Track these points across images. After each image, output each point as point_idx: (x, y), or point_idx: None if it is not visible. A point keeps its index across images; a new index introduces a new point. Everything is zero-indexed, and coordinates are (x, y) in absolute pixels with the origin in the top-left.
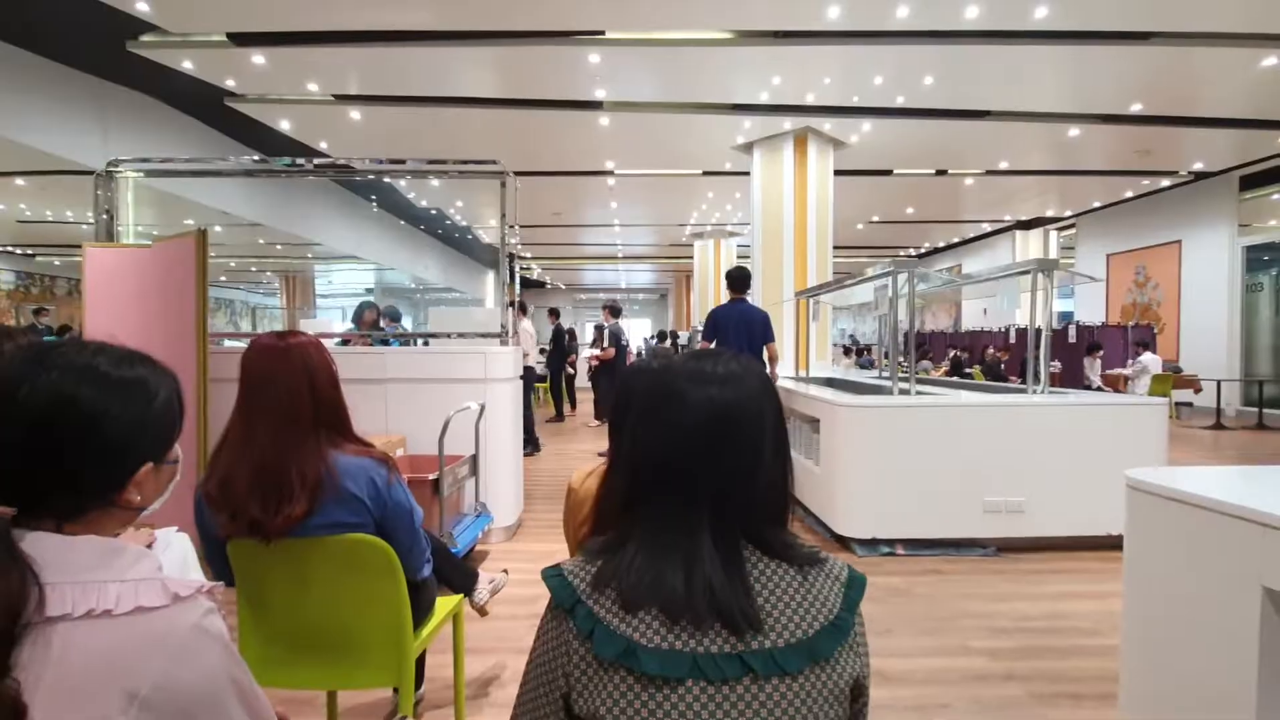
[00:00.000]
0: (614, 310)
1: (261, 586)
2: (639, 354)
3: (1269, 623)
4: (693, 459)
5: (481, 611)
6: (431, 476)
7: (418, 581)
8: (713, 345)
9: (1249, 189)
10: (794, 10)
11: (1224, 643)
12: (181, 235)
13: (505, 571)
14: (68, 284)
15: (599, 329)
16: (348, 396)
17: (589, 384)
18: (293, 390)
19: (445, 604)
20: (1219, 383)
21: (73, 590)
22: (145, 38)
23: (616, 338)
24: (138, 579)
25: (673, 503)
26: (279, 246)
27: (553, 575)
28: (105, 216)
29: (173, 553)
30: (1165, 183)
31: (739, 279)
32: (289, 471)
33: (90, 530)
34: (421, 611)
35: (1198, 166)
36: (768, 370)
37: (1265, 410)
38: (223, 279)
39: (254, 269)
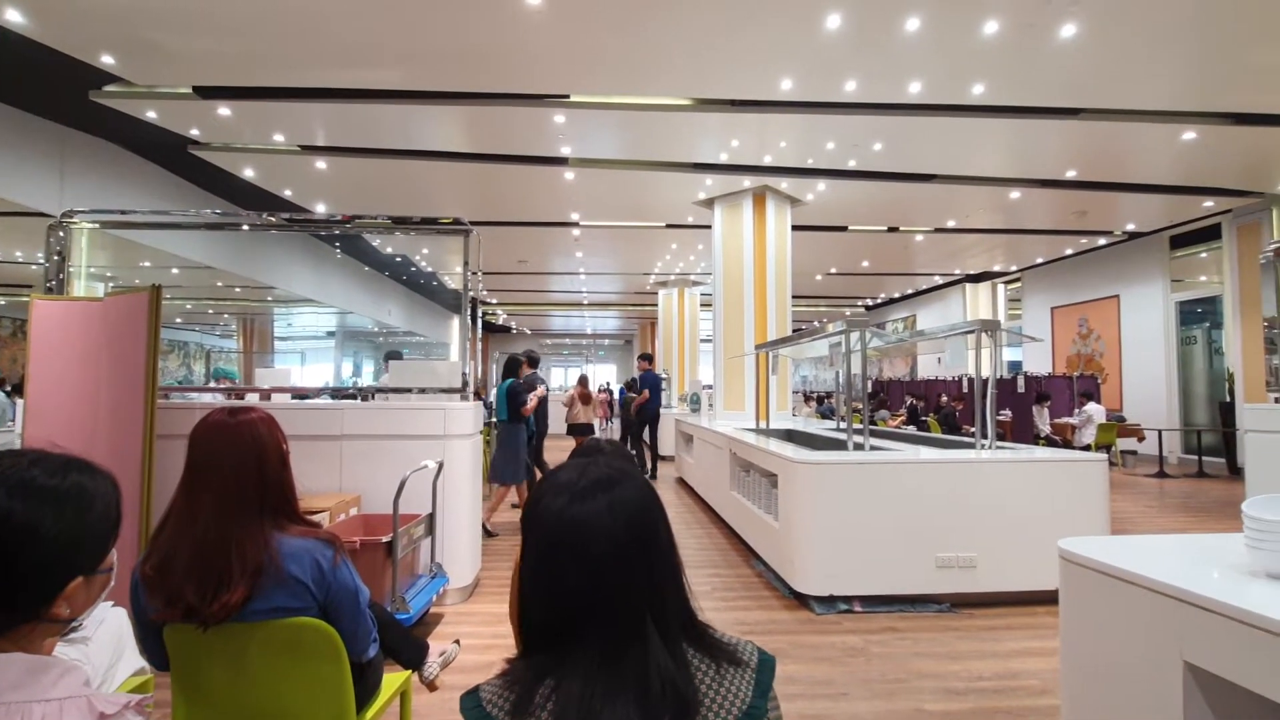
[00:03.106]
0: (532, 361)
1: (197, 672)
2: (618, 396)
3: (1191, 698)
4: (623, 564)
5: (431, 687)
6: (385, 539)
7: (363, 662)
8: (635, 394)
9: (1179, 248)
10: (750, 82)
11: (1151, 715)
12: (134, 290)
13: (457, 642)
14: (12, 324)
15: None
16: (302, 454)
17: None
18: (239, 470)
19: (392, 681)
20: (1160, 432)
21: None
22: (110, 88)
23: (543, 386)
24: (62, 698)
25: (610, 621)
26: (237, 289)
27: (471, 706)
28: (57, 258)
29: (107, 628)
30: (1102, 241)
31: (647, 358)
32: (229, 555)
33: (16, 646)
34: (366, 693)
35: (1130, 227)
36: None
37: (1205, 458)
38: (178, 320)
39: (211, 311)
